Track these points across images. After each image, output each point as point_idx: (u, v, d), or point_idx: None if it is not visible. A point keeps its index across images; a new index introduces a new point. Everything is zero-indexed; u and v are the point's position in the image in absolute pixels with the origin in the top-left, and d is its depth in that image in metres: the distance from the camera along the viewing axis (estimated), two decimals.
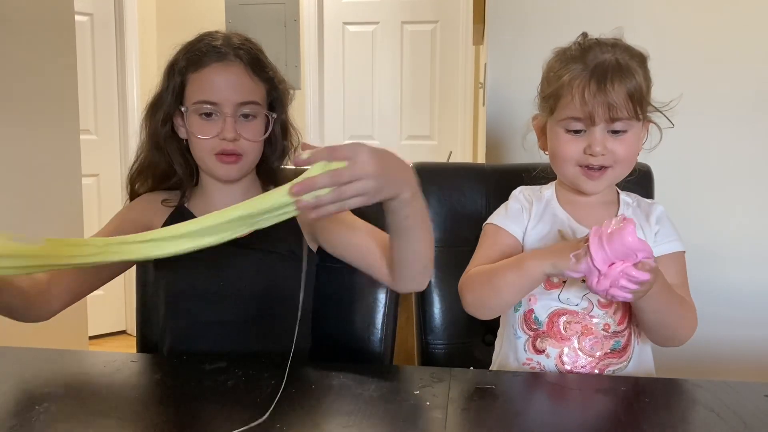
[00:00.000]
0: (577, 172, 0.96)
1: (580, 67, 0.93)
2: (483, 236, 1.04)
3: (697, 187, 1.49)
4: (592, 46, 0.95)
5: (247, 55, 1.02)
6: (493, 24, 1.56)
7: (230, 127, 0.99)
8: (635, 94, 0.91)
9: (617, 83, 0.90)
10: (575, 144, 0.94)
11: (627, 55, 0.93)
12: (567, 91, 0.94)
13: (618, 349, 0.95)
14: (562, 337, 0.96)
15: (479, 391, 0.78)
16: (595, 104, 0.90)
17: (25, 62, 1.96)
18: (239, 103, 1.00)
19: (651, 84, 0.96)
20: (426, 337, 1.24)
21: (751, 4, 1.46)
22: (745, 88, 1.47)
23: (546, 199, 1.03)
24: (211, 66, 1.00)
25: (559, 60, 0.97)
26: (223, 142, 1.00)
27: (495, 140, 1.60)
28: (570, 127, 0.94)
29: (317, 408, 0.75)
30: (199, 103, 1.00)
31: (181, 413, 0.74)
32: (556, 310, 0.96)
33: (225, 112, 1.00)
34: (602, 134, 0.93)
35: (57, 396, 0.78)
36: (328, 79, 3.49)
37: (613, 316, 0.95)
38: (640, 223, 0.98)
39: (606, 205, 1.01)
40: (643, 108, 0.93)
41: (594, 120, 0.91)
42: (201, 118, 1.01)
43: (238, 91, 1.00)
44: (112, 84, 3.31)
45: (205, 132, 1.01)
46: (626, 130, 0.93)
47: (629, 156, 0.95)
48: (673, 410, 0.74)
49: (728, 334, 1.47)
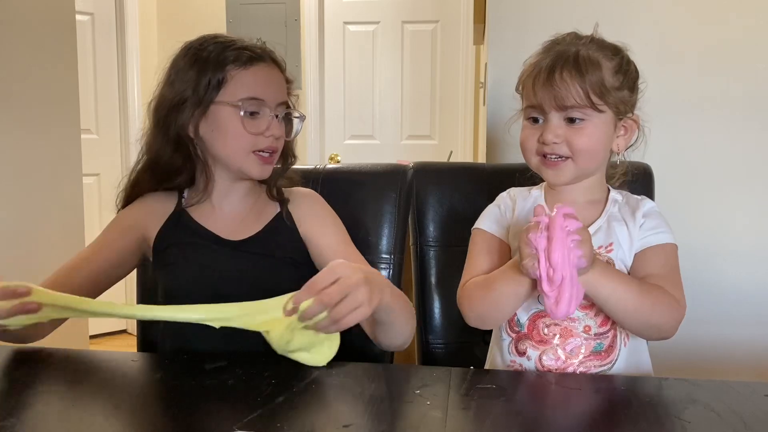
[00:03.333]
0: (538, 162, 0.97)
1: (540, 58, 0.95)
2: (471, 243, 1.04)
3: (697, 186, 1.49)
4: (561, 40, 0.96)
5: (280, 60, 1.07)
6: (493, 24, 1.56)
7: (278, 125, 1.03)
8: (589, 83, 0.90)
9: (566, 73, 0.90)
10: (532, 133, 0.95)
11: (594, 47, 0.94)
12: (526, 83, 0.96)
13: (600, 351, 0.95)
14: (542, 339, 0.95)
15: (479, 391, 0.78)
16: (544, 93, 0.91)
17: (25, 62, 1.96)
18: (280, 103, 1.04)
19: (633, 79, 0.96)
20: (426, 337, 1.24)
21: (751, 4, 1.45)
22: (746, 88, 1.47)
23: (533, 197, 1.03)
24: (259, 64, 1.03)
25: (531, 56, 0.99)
26: (269, 139, 1.02)
27: (495, 140, 1.60)
28: (528, 115, 0.96)
29: (317, 408, 0.75)
30: (248, 99, 1.01)
31: (181, 412, 0.74)
32: (537, 312, 0.96)
33: (271, 110, 1.02)
34: (557, 122, 0.93)
35: (57, 395, 0.79)
36: (329, 78, 3.49)
37: (595, 318, 0.95)
38: (625, 219, 0.98)
39: (593, 203, 1.00)
40: (604, 98, 0.91)
41: (543, 108, 0.92)
42: (245, 115, 1.01)
43: (279, 91, 1.05)
44: (113, 83, 3.31)
45: (254, 128, 1.02)
46: (583, 120, 0.92)
47: (589, 147, 0.93)
48: (673, 410, 0.74)
49: (728, 333, 1.47)
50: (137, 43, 3.35)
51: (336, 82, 3.49)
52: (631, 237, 0.96)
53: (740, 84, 1.47)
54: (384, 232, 1.20)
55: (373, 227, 1.20)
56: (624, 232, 0.97)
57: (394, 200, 1.20)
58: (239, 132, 1.01)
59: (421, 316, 1.24)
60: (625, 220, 0.98)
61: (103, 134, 3.28)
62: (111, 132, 3.31)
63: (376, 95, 3.48)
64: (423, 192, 1.26)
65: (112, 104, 3.31)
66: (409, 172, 1.24)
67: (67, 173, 2.15)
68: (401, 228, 1.21)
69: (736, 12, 1.46)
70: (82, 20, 3.02)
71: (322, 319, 0.78)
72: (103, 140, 3.27)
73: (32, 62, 1.98)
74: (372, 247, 1.20)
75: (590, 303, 0.94)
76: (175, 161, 1.06)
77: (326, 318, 0.78)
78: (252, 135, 1.01)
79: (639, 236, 0.96)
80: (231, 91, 1.01)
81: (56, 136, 2.10)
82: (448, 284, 1.23)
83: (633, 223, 0.97)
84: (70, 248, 2.14)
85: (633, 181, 1.06)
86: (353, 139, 3.51)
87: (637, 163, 1.17)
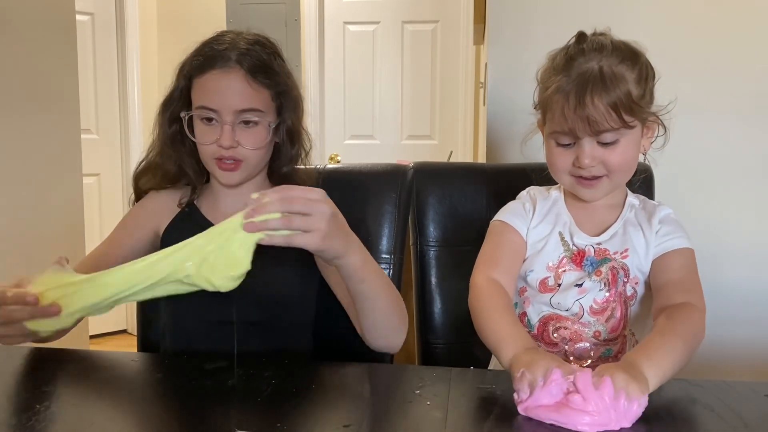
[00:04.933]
0: (572, 182, 0.96)
1: (563, 80, 0.91)
2: (489, 233, 1.03)
3: (698, 187, 1.49)
4: (578, 53, 0.92)
5: (250, 61, 1.00)
6: (493, 24, 1.56)
7: (227, 136, 0.99)
8: (620, 102, 0.88)
9: (596, 97, 0.87)
10: (565, 157, 0.94)
11: (616, 59, 0.90)
12: (550, 106, 0.93)
13: (609, 357, 0.95)
14: (551, 342, 0.96)
15: (479, 391, 0.78)
16: (576, 119, 0.89)
17: (26, 62, 1.96)
18: (239, 110, 0.99)
19: (652, 80, 0.94)
20: (426, 337, 1.24)
21: (752, 4, 1.45)
22: (746, 88, 1.47)
23: (553, 198, 1.03)
24: (212, 72, 0.99)
25: (547, 69, 0.96)
26: (221, 149, 1.00)
27: (495, 140, 1.60)
28: (558, 140, 0.94)
29: (317, 408, 0.75)
30: (200, 109, 1.01)
31: (181, 412, 0.74)
32: (547, 315, 0.97)
33: (224, 119, 0.99)
34: (590, 146, 0.91)
35: (57, 395, 0.79)
36: (329, 78, 3.49)
37: (605, 324, 0.95)
38: (641, 224, 0.98)
39: (612, 207, 1.00)
40: (634, 113, 0.90)
41: (577, 135, 0.90)
42: (203, 123, 1.01)
43: (237, 99, 0.99)
44: (113, 83, 3.31)
45: (205, 138, 1.01)
46: (617, 140, 0.91)
47: (624, 163, 0.93)
48: (673, 410, 0.74)
49: (728, 333, 1.47)
50: (137, 43, 3.35)
51: (336, 82, 3.49)
52: (647, 243, 0.96)
53: (741, 84, 1.47)
54: (384, 232, 1.20)
55: (373, 227, 1.20)
56: (640, 238, 0.96)
57: (394, 200, 1.20)
58: (198, 140, 1.02)
59: (421, 316, 1.24)
60: (641, 226, 0.97)
61: (103, 134, 3.28)
62: (111, 132, 3.31)
63: (376, 95, 3.48)
64: (423, 192, 1.26)
65: (112, 104, 3.31)
66: (409, 172, 1.24)
67: (67, 173, 2.15)
68: (401, 228, 1.21)
69: (737, 12, 1.46)
70: (82, 20, 3.02)
71: (272, 219, 0.75)
72: (103, 140, 3.27)
73: (32, 62, 1.98)
74: (372, 247, 1.19)
75: (600, 309, 0.94)
76: (171, 161, 1.07)
77: (277, 219, 0.74)
78: (208, 144, 1.01)
79: (655, 242, 0.96)
80: (193, 99, 1.02)
81: (56, 136, 2.10)
82: (448, 284, 1.23)
83: (649, 229, 0.97)
84: (70, 248, 2.15)
85: (634, 182, 1.06)
86: (353, 139, 3.51)
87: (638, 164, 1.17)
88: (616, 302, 0.95)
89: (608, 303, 0.95)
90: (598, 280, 0.95)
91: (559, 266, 0.97)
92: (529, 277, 0.98)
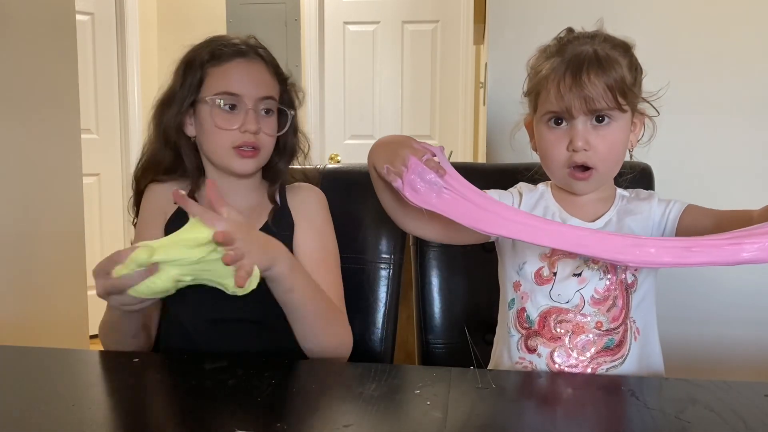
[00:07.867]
0: (565, 175, 0.95)
1: (557, 61, 0.92)
2: None
3: (698, 186, 1.49)
4: (571, 40, 0.94)
5: (268, 56, 1.07)
6: (493, 24, 1.56)
7: (253, 120, 1.02)
8: (615, 84, 0.89)
9: (593, 74, 0.89)
10: (559, 141, 0.93)
11: (608, 45, 0.92)
12: (544, 86, 0.93)
13: (611, 346, 0.95)
14: (554, 336, 0.95)
15: (479, 391, 0.79)
16: (571, 97, 0.89)
17: (25, 62, 1.96)
18: (260, 98, 1.03)
19: (640, 74, 0.95)
20: (426, 337, 1.24)
21: (752, 3, 1.46)
22: (746, 88, 1.47)
23: (540, 191, 1.03)
24: (234, 60, 1.03)
25: (539, 56, 0.97)
26: (245, 135, 1.01)
27: (495, 140, 1.60)
28: (548, 119, 0.94)
29: (317, 408, 0.75)
30: (221, 94, 1.02)
31: (181, 412, 0.74)
32: (547, 309, 0.96)
33: (247, 105, 1.02)
34: (584, 127, 0.91)
35: (57, 395, 0.79)
36: (329, 78, 3.49)
37: (606, 314, 0.95)
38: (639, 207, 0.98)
39: (601, 200, 1.00)
40: (627, 98, 0.91)
41: (572, 113, 0.91)
42: (222, 110, 1.02)
43: (260, 86, 1.04)
44: (113, 83, 3.31)
45: (228, 124, 1.02)
46: (609, 120, 0.91)
47: (612, 153, 0.93)
48: (673, 410, 0.74)
49: (728, 333, 1.47)
50: (137, 43, 3.35)
51: (336, 82, 3.49)
52: (651, 219, 0.96)
53: (741, 84, 1.47)
54: (384, 232, 1.20)
55: (373, 227, 1.20)
56: (638, 222, 0.96)
57: None
58: (215, 128, 1.02)
59: (421, 316, 1.24)
60: (639, 208, 0.98)
61: (103, 134, 3.28)
62: (111, 132, 3.31)
63: (376, 95, 3.48)
64: None
65: (112, 104, 3.31)
66: None
67: (67, 173, 2.15)
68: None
69: (736, 11, 1.46)
70: (82, 20, 3.02)
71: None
72: (103, 140, 3.27)
73: (32, 62, 1.98)
74: (372, 247, 1.20)
75: (602, 298, 0.94)
76: (166, 158, 1.09)
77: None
78: (227, 131, 1.02)
79: (661, 212, 0.96)
80: (207, 88, 1.03)
81: (56, 136, 2.10)
82: (448, 284, 1.23)
83: (648, 206, 0.97)
84: (70, 248, 2.15)
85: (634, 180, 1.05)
86: (353, 139, 3.51)
87: (637, 163, 1.17)
88: (617, 290, 0.95)
89: (609, 292, 0.94)
90: (597, 268, 0.95)
91: (553, 255, 0.97)
92: (523, 269, 0.98)
